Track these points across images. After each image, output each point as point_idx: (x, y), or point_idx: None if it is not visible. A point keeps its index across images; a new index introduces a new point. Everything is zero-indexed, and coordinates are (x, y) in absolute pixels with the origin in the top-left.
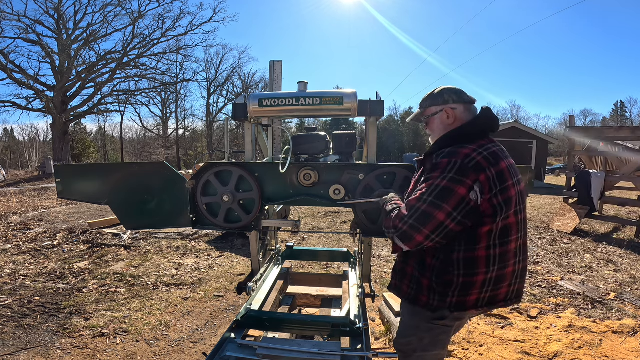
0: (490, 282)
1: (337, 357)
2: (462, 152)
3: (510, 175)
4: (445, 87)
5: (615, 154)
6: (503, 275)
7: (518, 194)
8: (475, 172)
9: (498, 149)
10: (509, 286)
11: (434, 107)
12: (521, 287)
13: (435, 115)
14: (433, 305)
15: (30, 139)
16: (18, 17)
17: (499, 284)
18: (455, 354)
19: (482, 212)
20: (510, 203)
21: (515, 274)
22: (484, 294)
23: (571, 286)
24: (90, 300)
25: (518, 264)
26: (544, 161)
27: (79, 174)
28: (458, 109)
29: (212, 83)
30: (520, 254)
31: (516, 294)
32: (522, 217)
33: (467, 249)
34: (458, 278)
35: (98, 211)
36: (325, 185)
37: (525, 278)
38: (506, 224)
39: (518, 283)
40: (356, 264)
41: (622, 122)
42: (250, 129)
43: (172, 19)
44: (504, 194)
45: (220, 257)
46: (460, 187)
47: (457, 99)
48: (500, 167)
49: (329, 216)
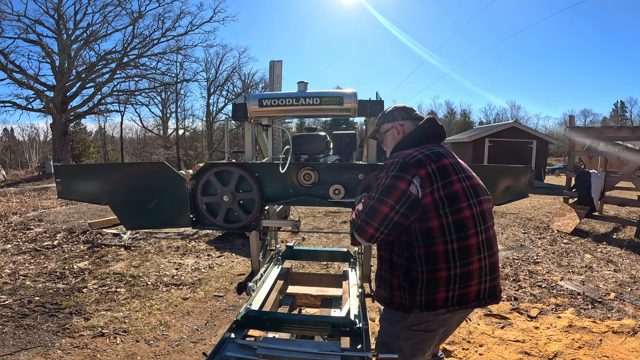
0: (455, 279)
1: (337, 357)
2: (405, 152)
3: (454, 171)
4: (395, 106)
5: (615, 154)
6: (468, 271)
7: (467, 188)
8: (415, 167)
9: (443, 150)
10: (479, 284)
11: (386, 124)
12: (495, 285)
13: (387, 132)
14: (406, 305)
15: (30, 139)
16: (18, 17)
17: (466, 281)
18: (455, 354)
19: (425, 205)
20: (456, 197)
21: (482, 271)
22: (451, 291)
23: (571, 286)
24: (90, 300)
25: (484, 260)
26: (544, 161)
27: (79, 174)
28: (406, 125)
29: (212, 83)
30: (485, 249)
31: (489, 293)
32: (478, 211)
33: (425, 244)
34: (422, 275)
35: (98, 211)
36: (325, 185)
37: (497, 274)
38: (459, 218)
39: (489, 281)
40: (356, 264)
41: (622, 122)
42: (250, 129)
43: (172, 19)
44: (446, 189)
45: (220, 257)
46: (400, 182)
47: (406, 116)
48: (442, 163)
49: (329, 216)
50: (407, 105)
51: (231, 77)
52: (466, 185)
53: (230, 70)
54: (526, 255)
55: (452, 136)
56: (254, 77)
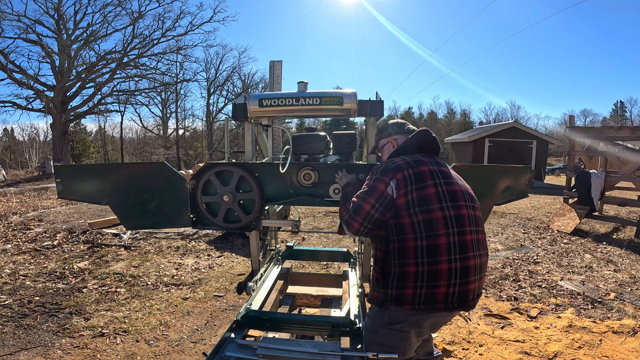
0: (423, 276)
1: (337, 357)
2: (390, 159)
3: (431, 177)
4: (390, 122)
5: (615, 154)
6: (436, 270)
7: (442, 192)
8: (393, 171)
9: (428, 160)
10: (448, 286)
11: (382, 139)
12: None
13: (384, 147)
14: (380, 299)
15: (30, 139)
16: (18, 17)
17: (433, 280)
18: (455, 354)
19: (398, 205)
20: (427, 199)
21: (452, 273)
22: (419, 289)
23: (571, 286)
24: (90, 300)
25: (454, 262)
26: (544, 161)
27: (79, 174)
28: (399, 139)
29: (212, 83)
30: (457, 251)
31: (459, 297)
32: (452, 214)
33: (399, 239)
34: (394, 268)
35: (98, 211)
36: (325, 185)
37: (470, 280)
38: (429, 217)
39: (459, 284)
40: (356, 264)
41: (622, 122)
42: (250, 129)
43: (172, 19)
44: (419, 192)
45: (220, 257)
46: (380, 184)
47: (399, 130)
48: (419, 169)
49: (329, 216)
50: (400, 120)
51: (231, 77)
52: (442, 189)
53: (230, 70)
54: (526, 255)
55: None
56: (254, 77)
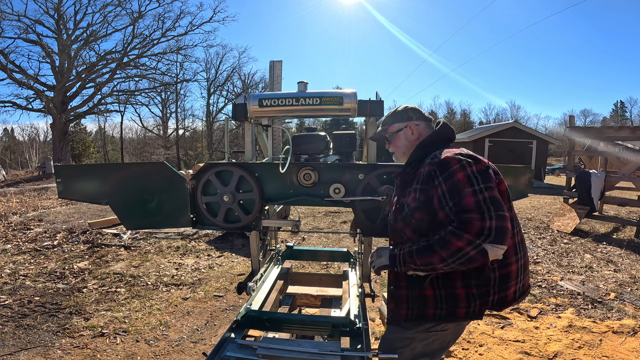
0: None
1: (337, 357)
2: (452, 150)
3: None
4: (407, 106)
5: (615, 154)
6: (525, 263)
7: (506, 190)
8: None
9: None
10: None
11: (397, 124)
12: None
13: (400, 132)
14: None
15: (30, 139)
16: (18, 17)
17: (525, 271)
18: (455, 354)
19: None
20: (503, 197)
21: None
22: (519, 284)
23: (571, 286)
24: (90, 300)
25: (521, 260)
26: (544, 161)
27: (79, 174)
28: (420, 125)
29: (212, 83)
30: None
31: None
32: (514, 214)
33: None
34: (494, 273)
35: (98, 211)
36: (325, 185)
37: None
38: (511, 215)
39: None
40: (356, 264)
41: (622, 122)
42: (250, 129)
43: (172, 19)
44: (500, 185)
45: (220, 257)
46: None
47: (420, 117)
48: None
49: (329, 216)
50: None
51: (231, 77)
52: (503, 188)
53: (230, 70)
54: None
55: None
56: (254, 77)
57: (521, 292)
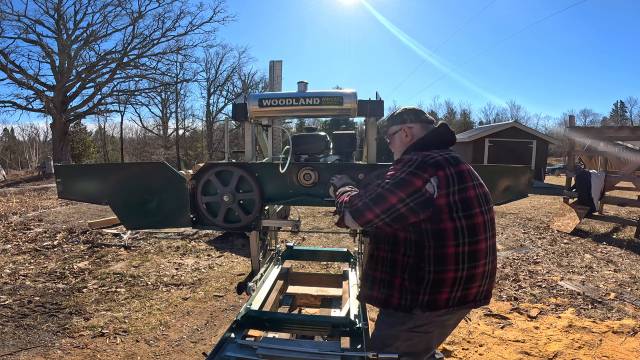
0: (460, 281)
1: (337, 357)
2: (424, 153)
3: (470, 177)
4: (405, 108)
5: (615, 154)
6: (474, 274)
7: (480, 195)
8: (433, 168)
9: (459, 156)
10: (480, 286)
11: (394, 126)
12: (491, 288)
13: (396, 134)
14: (405, 304)
15: (30, 139)
16: (18, 17)
17: (469, 283)
18: (455, 354)
19: (438, 205)
20: (470, 203)
21: (485, 274)
22: (454, 292)
23: (571, 286)
24: (90, 300)
25: (488, 264)
26: (544, 161)
27: (79, 174)
28: (415, 127)
29: (212, 83)
30: (490, 254)
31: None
32: (488, 218)
33: (437, 245)
34: (429, 274)
35: (98, 211)
36: (325, 185)
37: (493, 278)
38: (472, 223)
39: (487, 284)
40: (356, 264)
41: (622, 122)
42: (250, 129)
43: (172, 19)
44: (461, 193)
45: (220, 257)
46: (417, 180)
47: (414, 119)
48: (460, 168)
49: (329, 216)
50: (417, 108)
51: (231, 77)
52: (479, 192)
53: (230, 70)
54: (526, 255)
55: None
56: (254, 77)
57: (459, 302)
